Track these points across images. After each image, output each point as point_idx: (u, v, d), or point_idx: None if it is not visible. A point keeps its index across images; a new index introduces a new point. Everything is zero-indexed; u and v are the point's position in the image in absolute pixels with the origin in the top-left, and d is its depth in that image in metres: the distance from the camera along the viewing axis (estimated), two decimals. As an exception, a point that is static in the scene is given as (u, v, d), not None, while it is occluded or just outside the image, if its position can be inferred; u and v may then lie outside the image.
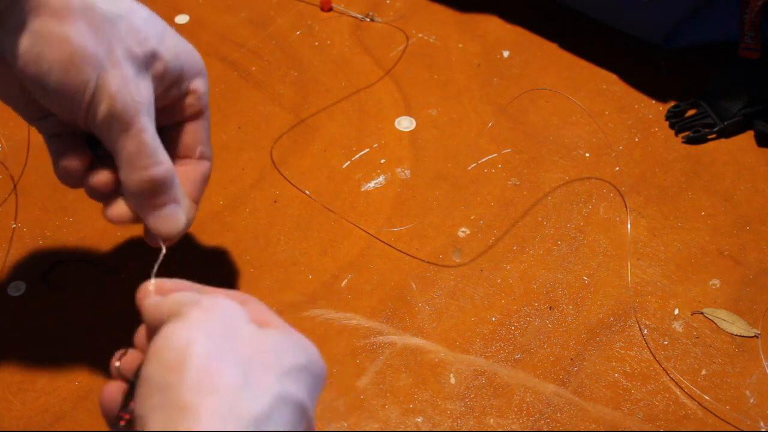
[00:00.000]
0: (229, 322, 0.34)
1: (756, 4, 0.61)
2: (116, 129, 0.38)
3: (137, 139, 0.39)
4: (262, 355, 0.33)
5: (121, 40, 0.38)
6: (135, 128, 0.38)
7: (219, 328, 0.34)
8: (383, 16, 0.75)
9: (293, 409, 0.33)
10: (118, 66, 0.38)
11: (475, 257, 0.58)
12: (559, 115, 0.67)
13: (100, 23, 0.37)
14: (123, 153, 0.39)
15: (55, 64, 0.36)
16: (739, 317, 0.54)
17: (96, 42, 0.37)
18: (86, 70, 0.37)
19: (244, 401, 0.31)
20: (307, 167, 0.64)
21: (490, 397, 0.51)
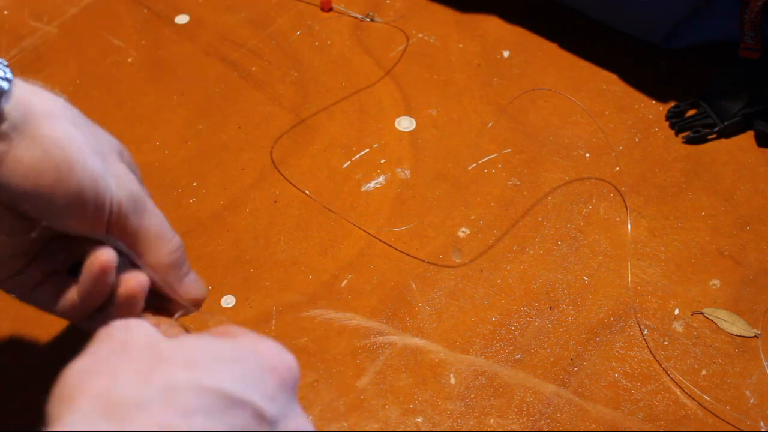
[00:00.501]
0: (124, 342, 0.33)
1: (756, 4, 0.61)
2: (140, 211, 0.39)
3: (156, 215, 0.40)
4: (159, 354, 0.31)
5: (94, 136, 0.39)
6: (150, 204, 0.40)
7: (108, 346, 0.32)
8: (383, 16, 0.75)
9: (212, 398, 0.30)
10: (112, 156, 0.39)
11: (475, 257, 0.58)
12: (559, 115, 0.67)
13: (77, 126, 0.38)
14: (150, 231, 0.40)
15: (74, 165, 0.36)
16: (739, 317, 0.54)
17: (86, 140, 0.37)
18: (92, 162, 0.37)
19: (129, 388, 0.29)
20: (307, 167, 0.64)
21: (490, 397, 0.51)
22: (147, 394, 0.29)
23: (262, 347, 0.34)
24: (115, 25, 0.74)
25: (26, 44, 0.72)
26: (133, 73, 0.70)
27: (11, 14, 0.75)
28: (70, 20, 0.74)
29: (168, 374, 0.30)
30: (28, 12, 0.75)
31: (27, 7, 0.75)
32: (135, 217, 0.39)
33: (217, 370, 0.31)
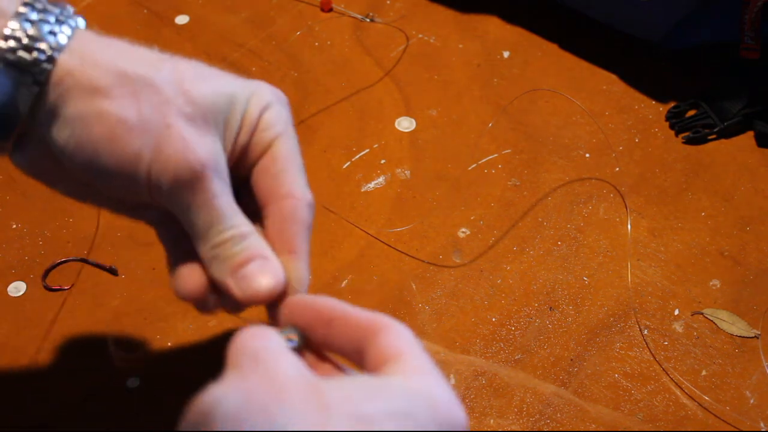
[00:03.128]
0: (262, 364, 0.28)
1: (756, 4, 0.61)
2: (185, 199, 0.34)
3: (208, 205, 0.34)
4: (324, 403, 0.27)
5: (169, 102, 0.34)
6: (205, 194, 0.34)
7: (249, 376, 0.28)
8: (383, 17, 0.75)
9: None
10: (173, 129, 0.33)
11: (475, 258, 0.58)
12: (559, 116, 0.67)
13: (140, 90, 0.33)
14: (195, 224, 0.35)
15: (99, 144, 0.33)
16: (739, 318, 0.54)
17: (139, 109, 0.33)
18: (134, 141, 0.33)
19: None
20: (308, 168, 0.63)
21: (490, 397, 0.51)
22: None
23: (438, 398, 0.29)
24: (115, 25, 0.74)
25: (26, 44, 0.72)
26: (133, 74, 0.70)
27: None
28: (70, 20, 0.74)
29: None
30: (28, 12, 0.75)
31: (27, 7, 0.75)
32: (182, 203, 0.34)
33: (390, 428, 0.27)
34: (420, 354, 0.31)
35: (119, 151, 0.33)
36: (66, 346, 0.53)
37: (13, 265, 0.57)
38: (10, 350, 0.53)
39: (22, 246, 0.58)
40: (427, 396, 0.29)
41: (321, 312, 0.33)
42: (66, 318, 0.54)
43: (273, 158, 0.37)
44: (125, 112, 0.33)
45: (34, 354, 0.53)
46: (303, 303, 0.35)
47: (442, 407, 0.29)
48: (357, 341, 0.32)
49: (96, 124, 0.33)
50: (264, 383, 0.27)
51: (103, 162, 0.33)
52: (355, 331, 0.32)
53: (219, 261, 0.35)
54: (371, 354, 0.31)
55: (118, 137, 0.33)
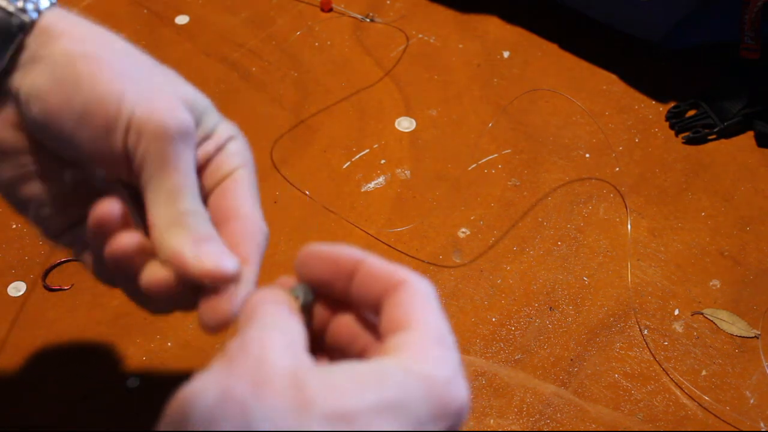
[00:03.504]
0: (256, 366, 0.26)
1: (756, 4, 0.61)
2: (160, 156, 0.32)
3: (185, 169, 0.33)
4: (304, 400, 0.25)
5: (163, 75, 0.34)
6: (182, 157, 0.32)
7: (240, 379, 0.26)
8: (383, 17, 0.75)
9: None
10: (164, 91, 0.33)
11: (475, 258, 0.58)
12: (559, 116, 0.67)
13: (131, 54, 0.34)
14: (162, 187, 0.32)
15: (81, 78, 0.32)
16: (739, 318, 0.54)
17: (128, 65, 0.33)
18: (120, 81, 0.32)
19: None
20: (307, 168, 0.64)
21: (490, 397, 0.51)
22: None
23: (435, 379, 0.28)
24: (115, 25, 0.73)
25: (26, 44, 0.72)
26: (133, 74, 0.70)
27: (11, 14, 0.75)
28: (70, 20, 0.74)
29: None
30: (28, 12, 0.75)
31: (27, 7, 0.75)
32: (153, 162, 0.32)
33: (376, 425, 0.26)
34: (432, 321, 0.30)
35: (103, 87, 0.32)
36: (66, 346, 0.53)
37: (13, 265, 0.57)
38: (10, 350, 0.53)
39: (22, 246, 0.58)
40: (424, 378, 0.27)
41: (344, 264, 0.31)
42: (66, 318, 0.54)
43: (236, 182, 0.36)
44: (113, 58, 0.33)
45: (34, 354, 0.53)
46: (325, 255, 0.32)
47: (438, 390, 0.27)
48: (376, 296, 0.31)
49: (81, 59, 0.32)
50: (246, 376, 0.26)
51: (82, 98, 0.32)
52: (375, 284, 0.31)
53: (182, 228, 0.32)
54: (385, 315, 0.30)
55: (103, 73, 0.32)
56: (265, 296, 0.31)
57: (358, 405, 0.26)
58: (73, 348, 0.53)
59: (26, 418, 0.50)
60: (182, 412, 0.25)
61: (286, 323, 0.29)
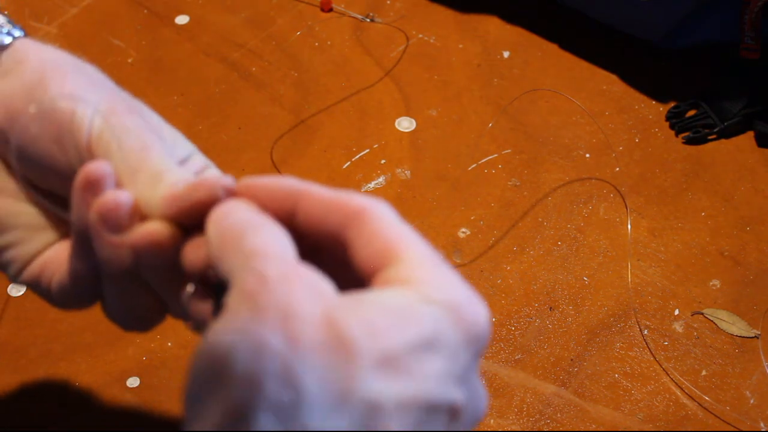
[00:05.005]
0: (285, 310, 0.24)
1: (756, 4, 0.61)
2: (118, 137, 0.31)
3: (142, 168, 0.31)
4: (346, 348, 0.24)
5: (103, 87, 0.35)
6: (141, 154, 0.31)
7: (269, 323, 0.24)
8: (383, 17, 0.75)
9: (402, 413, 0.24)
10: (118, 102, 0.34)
11: (475, 258, 0.58)
12: (559, 116, 0.67)
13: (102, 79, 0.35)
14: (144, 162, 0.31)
15: (48, 82, 0.32)
16: (740, 318, 0.54)
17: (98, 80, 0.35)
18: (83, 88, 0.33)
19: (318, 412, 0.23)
20: (308, 168, 0.64)
21: (490, 397, 0.51)
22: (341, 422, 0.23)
23: (459, 303, 0.26)
24: (115, 25, 0.74)
25: (26, 44, 0.72)
26: (133, 74, 0.70)
27: (11, 15, 0.75)
28: (70, 20, 0.74)
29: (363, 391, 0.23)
30: (28, 12, 0.75)
31: (27, 7, 0.75)
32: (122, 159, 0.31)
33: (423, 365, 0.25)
34: (419, 245, 0.29)
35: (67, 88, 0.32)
36: (66, 345, 0.53)
37: (13, 265, 0.57)
38: (10, 350, 0.53)
39: (22, 246, 0.58)
40: (448, 305, 0.26)
41: (281, 193, 0.29)
42: (66, 318, 0.54)
43: None
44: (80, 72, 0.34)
45: (34, 354, 0.53)
46: (257, 185, 0.29)
47: (463, 314, 0.26)
48: (333, 229, 0.28)
49: (50, 66, 0.33)
50: (278, 328, 0.23)
51: (48, 96, 0.31)
52: (327, 215, 0.29)
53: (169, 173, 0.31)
54: (361, 250, 0.28)
55: (68, 78, 0.32)
56: (251, 217, 0.28)
57: (404, 345, 0.24)
58: (73, 348, 0.53)
59: (25, 419, 0.50)
60: (216, 369, 0.23)
61: (288, 247, 0.27)
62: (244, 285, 0.25)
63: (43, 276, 0.34)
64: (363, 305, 0.25)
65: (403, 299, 0.26)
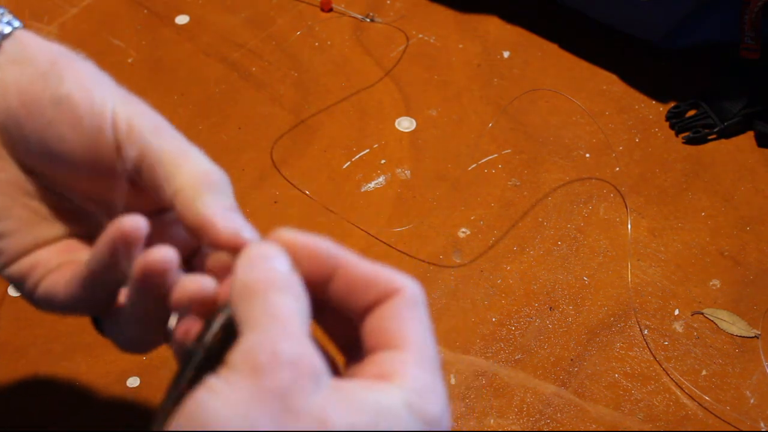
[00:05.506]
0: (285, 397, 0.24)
1: (756, 4, 0.61)
2: (160, 131, 0.32)
3: (176, 138, 0.32)
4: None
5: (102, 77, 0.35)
6: (168, 131, 0.32)
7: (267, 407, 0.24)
8: (383, 17, 0.75)
9: None
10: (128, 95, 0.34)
11: (475, 258, 0.58)
12: (559, 116, 0.67)
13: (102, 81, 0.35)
14: (180, 150, 0.32)
15: (65, 74, 0.33)
16: (740, 318, 0.54)
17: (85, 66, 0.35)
18: (100, 89, 0.33)
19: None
20: (308, 168, 0.64)
21: (490, 397, 0.51)
22: None
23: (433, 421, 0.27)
24: (115, 25, 0.74)
25: (26, 44, 0.72)
26: (133, 74, 0.70)
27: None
28: (70, 20, 0.74)
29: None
30: (28, 12, 0.75)
31: (27, 7, 0.75)
32: (155, 137, 0.31)
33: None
34: (426, 340, 0.28)
35: (87, 82, 0.33)
36: (66, 345, 0.53)
37: (13, 265, 0.57)
38: (10, 350, 0.53)
39: (22, 246, 0.58)
40: (424, 416, 0.26)
41: (320, 257, 0.29)
42: (66, 318, 0.54)
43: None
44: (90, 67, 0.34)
45: (34, 354, 0.53)
46: (303, 243, 0.29)
47: (433, 425, 0.27)
48: (368, 304, 0.29)
49: (63, 60, 0.33)
50: (273, 407, 0.24)
51: (65, 89, 0.32)
52: (367, 290, 0.29)
53: (212, 194, 0.31)
54: (373, 324, 0.28)
55: (84, 72, 0.33)
56: (283, 273, 0.28)
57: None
58: (73, 348, 0.53)
59: (26, 419, 0.50)
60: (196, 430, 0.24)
61: (306, 318, 0.27)
62: (255, 355, 0.25)
63: (31, 276, 0.33)
64: (352, 403, 0.25)
65: (388, 400, 0.26)
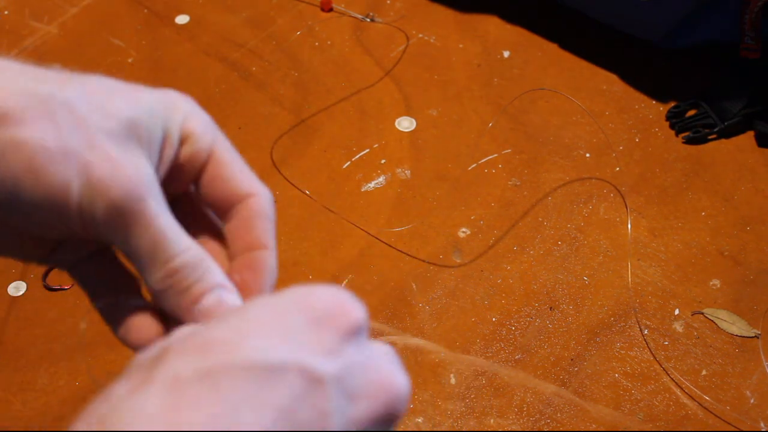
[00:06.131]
0: None
1: (756, 4, 0.61)
2: (122, 225, 0.30)
3: (150, 229, 0.30)
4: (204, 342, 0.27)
5: (87, 119, 0.30)
6: (145, 217, 0.30)
7: None
8: (383, 17, 0.75)
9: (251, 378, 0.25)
10: (98, 149, 0.30)
11: (475, 257, 0.58)
12: (559, 116, 0.67)
13: (54, 110, 0.30)
14: (139, 252, 0.31)
15: (19, 179, 0.29)
16: (740, 317, 0.54)
17: (58, 132, 0.29)
18: (58, 169, 0.29)
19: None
20: (308, 167, 0.64)
21: (490, 397, 0.51)
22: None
23: (312, 298, 0.28)
24: (115, 25, 0.74)
25: (27, 44, 0.72)
26: (133, 73, 0.70)
27: (12, 15, 0.75)
28: (70, 20, 0.74)
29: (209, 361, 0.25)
30: (28, 12, 0.75)
31: (27, 7, 0.75)
32: (120, 231, 0.30)
33: (255, 344, 0.26)
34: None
35: (44, 184, 0.29)
36: (66, 345, 0.53)
37: (14, 265, 0.57)
38: (10, 350, 0.53)
39: (22, 246, 0.58)
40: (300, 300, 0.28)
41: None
42: (66, 318, 0.54)
43: (220, 164, 0.35)
44: (44, 137, 0.29)
45: (34, 354, 0.53)
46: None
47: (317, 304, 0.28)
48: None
49: (12, 155, 0.29)
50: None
51: (25, 196, 0.29)
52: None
53: (174, 293, 0.32)
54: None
55: (40, 167, 0.29)
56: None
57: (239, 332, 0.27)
58: (73, 348, 0.53)
59: (25, 419, 0.50)
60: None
61: None
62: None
63: None
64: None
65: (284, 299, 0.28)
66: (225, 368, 0.25)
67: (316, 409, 0.25)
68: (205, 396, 0.24)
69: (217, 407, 0.24)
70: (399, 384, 0.28)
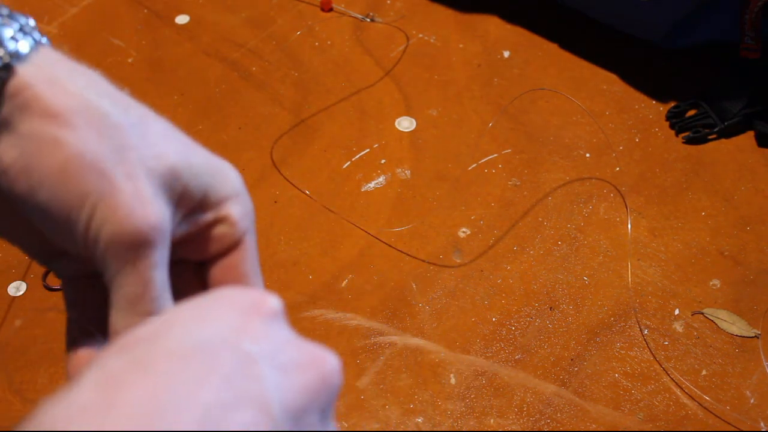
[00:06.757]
0: None
1: (756, 4, 0.61)
2: (120, 259, 0.30)
3: (144, 277, 0.30)
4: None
5: (135, 149, 0.30)
6: (144, 264, 0.30)
7: None
8: (383, 17, 0.75)
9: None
10: (132, 179, 0.29)
11: (475, 257, 0.58)
12: (559, 116, 0.67)
13: (106, 128, 0.30)
14: (121, 292, 0.30)
15: (45, 174, 0.29)
16: (740, 317, 0.54)
17: (100, 149, 0.29)
18: (85, 181, 0.29)
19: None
20: (308, 167, 0.64)
21: (490, 397, 0.51)
22: None
23: (232, 293, 0.29)
24: (115, 25, 0.74)
25: (26, 44, 0.72)
26: (133, 73, 0.70)
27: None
28: (70, 20, 0.74)
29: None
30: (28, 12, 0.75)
31: (27, 7, 0.75)
32: (115, 263, 0.30)
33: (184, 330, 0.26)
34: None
35: (66, 188, 0.29)
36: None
37: (13, 265, 0.57)
38: (10, 350, 0.53)
39: (22, 246, 0.58)
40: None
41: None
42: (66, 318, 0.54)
43: (243, 258, 0.34)
44: (84, 146, 0.29)
45: (34, 354, 0.53)
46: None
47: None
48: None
49: (49, 151, 0.29)
50: None
51: (45, 195, 0.29)
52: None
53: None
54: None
55: (71, 172, 0.29)
56: None
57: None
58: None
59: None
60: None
61: None
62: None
63: None
64: None
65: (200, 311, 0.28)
66: (157, 353, 0.25)
67: (252, 380, 0.25)
68: (141, 379, 0.24)
69: (155, 385, 0.24)
70: (327, 355, 0.28)
